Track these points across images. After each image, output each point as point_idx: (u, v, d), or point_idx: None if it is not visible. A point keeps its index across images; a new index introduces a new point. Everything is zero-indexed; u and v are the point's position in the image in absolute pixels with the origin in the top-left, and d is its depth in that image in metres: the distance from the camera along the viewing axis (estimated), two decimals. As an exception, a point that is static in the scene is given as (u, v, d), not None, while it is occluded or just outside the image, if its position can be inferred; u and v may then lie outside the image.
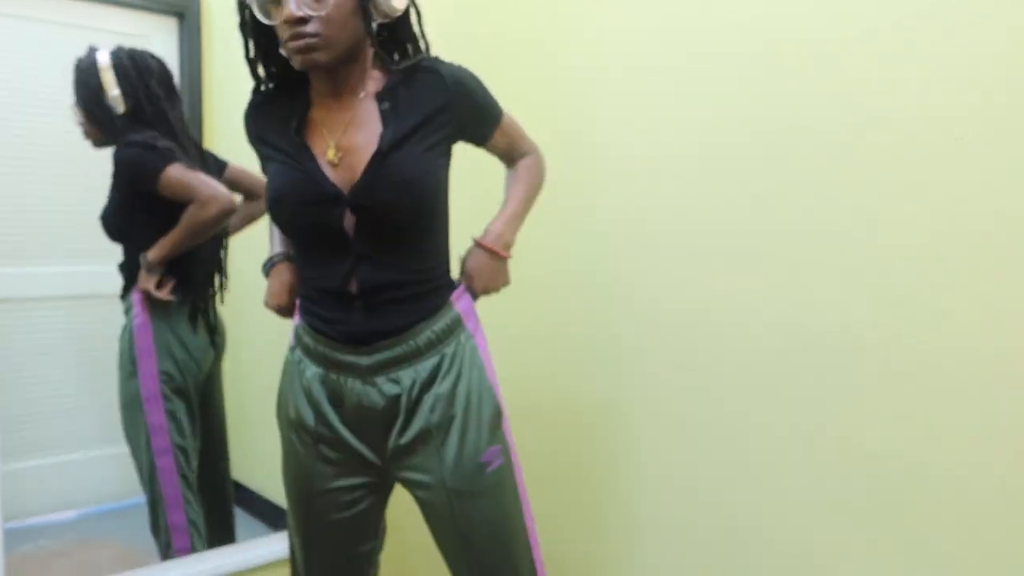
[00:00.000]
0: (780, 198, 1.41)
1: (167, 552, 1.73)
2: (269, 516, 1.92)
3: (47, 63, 1.67)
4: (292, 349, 1.28)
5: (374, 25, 1.16)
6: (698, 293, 1.54)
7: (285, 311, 1.31)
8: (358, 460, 1.23)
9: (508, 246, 1.31)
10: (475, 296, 1.29)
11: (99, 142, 1.70)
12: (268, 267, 1.34)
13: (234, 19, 1.20)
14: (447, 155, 1.25)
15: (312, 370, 1.23)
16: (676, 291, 1.58)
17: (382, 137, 1.16)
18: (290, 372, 1.28)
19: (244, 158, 1.88)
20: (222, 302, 1.85)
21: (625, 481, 1.70)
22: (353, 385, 1.19)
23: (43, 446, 1.71)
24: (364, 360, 1.18)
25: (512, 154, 1.36)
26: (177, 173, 1.68)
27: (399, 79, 1.20)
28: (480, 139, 1.30)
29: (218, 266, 1.85)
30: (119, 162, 1.69)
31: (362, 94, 1.21)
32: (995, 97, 1.15)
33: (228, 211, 1.73)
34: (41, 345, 1.71)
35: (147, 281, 1.70)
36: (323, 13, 1.09)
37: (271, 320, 1.35)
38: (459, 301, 1.25)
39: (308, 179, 1.17)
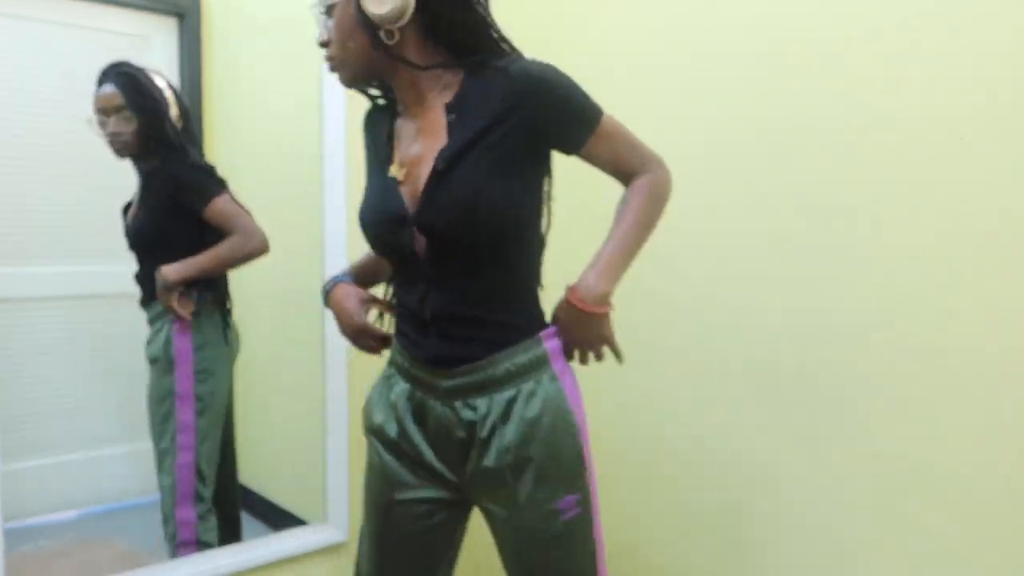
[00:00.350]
0: (785, 197, 1.40)
1: (172, 543, 1.74)
2: (270, 516, 1.92)
3: (47, 63, 1.67)
4: (388, 364, 1.26)
5: (384, 33, 1.06)
6: (703, 292, 1.54)
7: (373, 345, 1.27)
8: (437, 477, 1.20)
9: (602, 299, 1.13)
10: (567, 350, 1.18)
11: (130, 152, 1.71)
12: (324, 295, 1.30)
13: (234, 19, 1.20)
14: (528, 166, 1.10)
15: (400, 386, 1.20)
16: (680, 290, 1.58)
17: (440, 153, 1.07)
18: (379, 386, 1.26)
19: (243, 158, 1.88)
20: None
21: (628, 480, 1.69)
22: (435, 405, 1.16)
23: (43, 446, 1.70)
24: (442, 382, 1.14)
25: (621, 168, 1.17)
26: (226, 203, 1.75)
27: (470, 84, 1.09)
28: (571, 147, 1.13)
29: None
30: (180, 179, 1.74)
31: (428, 103, 1.12)
32: (999, 97, 1.14)
33: (264, 249, 1.78)
34: (41, 345, 1.71)
35: (169, 298, 1.72)
36: (334, 35, 1.11)
37: (272, 323, 1.34)
38: (549, 339, 1.15)
39: (383, 196, 1.14)
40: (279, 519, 1.88)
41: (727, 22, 1.47)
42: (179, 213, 1.74)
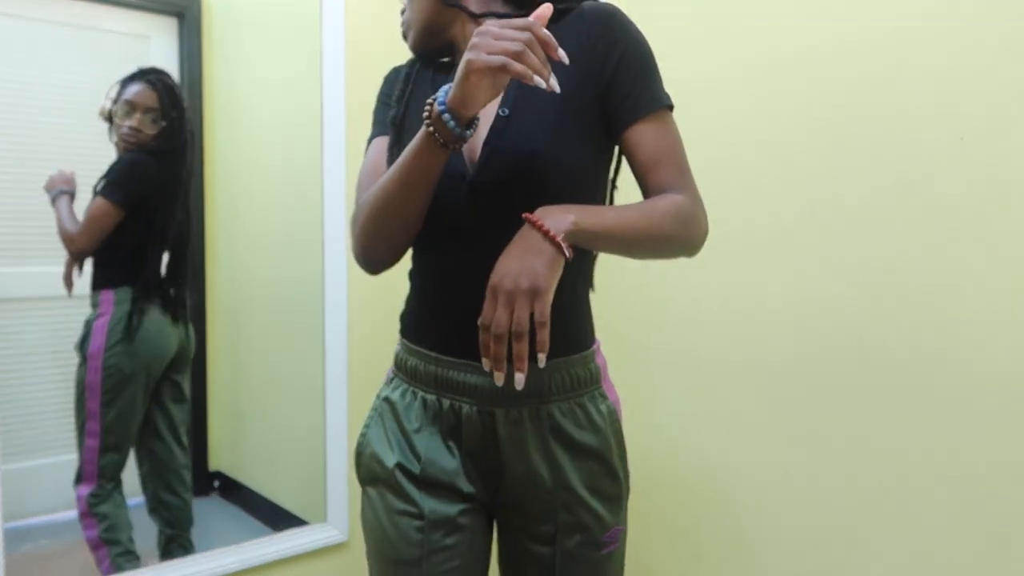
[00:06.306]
0: (787, 198, 1.40)
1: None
2: (270, 516, 1.92)
3: (47, 63, 1.67)
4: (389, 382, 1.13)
5: None
6: (705, 293, 1.54)
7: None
8: (468, 496, 1.04)
9: (559, 221, 0.85)
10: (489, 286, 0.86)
11: (145, 148, 1.76)
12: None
13: (234, 19, 1.17)
14: (599, 129, 0.96)
15: (411, 400, 1.10)
16: (682, 292, 1.58)
17: (502, 100, 0.96)
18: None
19: (243, 157, 1.89)
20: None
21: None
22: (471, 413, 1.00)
23: (43, 446, 1.70)
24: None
25: (656, 175, 0.96)
26: None
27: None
28: (626, 116, 0.95)
29: None
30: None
31: None
32: (999, 97, 1.15)
33: None
34: (41, 345, 1.71)
35: None
36: None
37: (272, 322, 1.33)
38: (599, 354, 1.04)
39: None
40: (279, 519, 1.88)
41: (725, 26, 1.48)
42: None
